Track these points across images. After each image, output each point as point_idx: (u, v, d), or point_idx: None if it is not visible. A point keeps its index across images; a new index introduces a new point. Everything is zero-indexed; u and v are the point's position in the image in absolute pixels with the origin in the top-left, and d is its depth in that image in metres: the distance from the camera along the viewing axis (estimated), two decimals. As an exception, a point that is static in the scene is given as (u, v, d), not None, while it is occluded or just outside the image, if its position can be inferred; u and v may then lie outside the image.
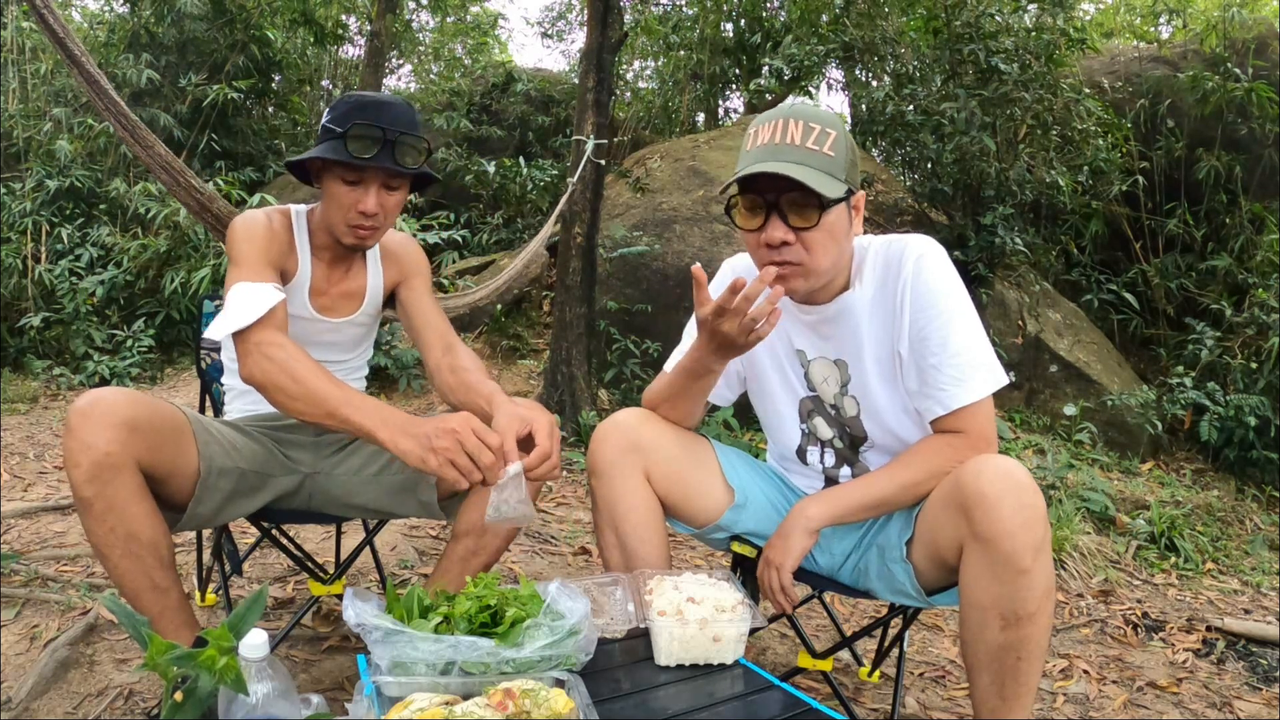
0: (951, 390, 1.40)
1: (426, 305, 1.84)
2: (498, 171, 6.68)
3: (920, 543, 1.43)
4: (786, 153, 1.35)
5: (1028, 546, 1.23)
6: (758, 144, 1.39)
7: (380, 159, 1.58)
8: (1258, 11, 6.39)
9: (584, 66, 4.26)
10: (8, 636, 1.87)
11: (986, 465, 1.29)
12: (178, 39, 7.34)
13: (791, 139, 1.36)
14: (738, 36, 8.41)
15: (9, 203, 5.77)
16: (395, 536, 2.69)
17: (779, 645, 2.28)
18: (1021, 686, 1.29)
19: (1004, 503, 1.24)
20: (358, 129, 1.57)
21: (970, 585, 1.30)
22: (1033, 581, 1.24)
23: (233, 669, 0.96)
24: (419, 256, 1.89)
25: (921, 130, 5.59)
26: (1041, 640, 1.28)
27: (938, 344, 1.41)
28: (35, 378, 4.99)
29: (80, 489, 1.35)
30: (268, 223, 1.66)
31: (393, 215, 1.69)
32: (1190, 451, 4.89)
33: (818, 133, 1.36)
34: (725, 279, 1.61)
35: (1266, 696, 2.36)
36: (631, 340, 4.72)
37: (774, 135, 1.37)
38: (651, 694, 1.18)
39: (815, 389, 1.58)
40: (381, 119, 1.58)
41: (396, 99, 1.66)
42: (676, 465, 1.58)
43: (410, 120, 1.62)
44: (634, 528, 1.54)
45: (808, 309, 1.52)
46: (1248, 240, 5.60)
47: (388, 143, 1.58)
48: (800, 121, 1.37)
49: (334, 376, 1.42)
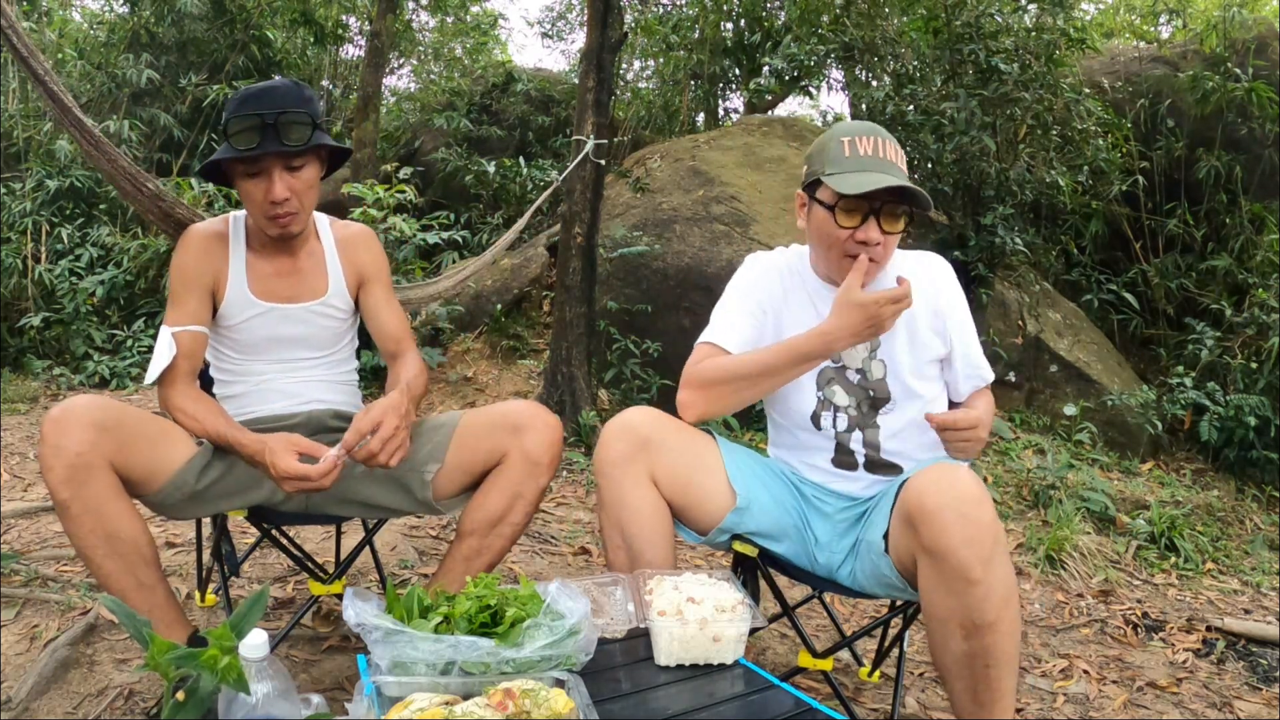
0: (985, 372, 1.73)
1: (382, 309, 1.87)
2: (498, 171, 6.68)
3: (891, 543, 1.45)
4: (892, 170, 1.54)
5: (975, 559, 1.23)
6: (859, 154, 1.55)
7: (266, 144, 1.57)
8: (1258, 11, 6.39)
9: (584, 66, 4.26)
10: (8, 636, 1.87)
11: (930, 479, 1.31)
12: (178, 39, 7.34)
13: (889, 156, 1.56)
14: (738, 36, 8.40)
15: (9, 203, 5.76)
16: (395, 536, 2.69)
17: (779, 645, 2.28)
18: (995, 692, 1.29)
19: (945, 516, 1.25)
20: (236, 122, 1.57)
21: (927, 597, 1.31)
22: (987, 591, 1.23)
23: (234, 669, 0.96)
24: (377, 256, 1.89)
25: (921, 130, 5.58)
26: (1008, 647, 1.27)
27: (970, 335, 1.71)
28: (35, 378, 4.99)
29: (57, 492, 1.39)
30: (199, 240, 1.73)
31: (309, 195, 1.69)
32: (1190, 451, 4.89)
33: (902, 156, 1.59)
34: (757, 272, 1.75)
35: (1266, 696, 2.36)
36: (631, 340, 4.71)
37: (876, 150, 1.56)
38: (651, 694, 1.18)
39: (840, 357, 1.66)
40: (261, 105, 1.58)
41: (281, 82, 1.67)
42: (683, 468, 1.58)
43: (293, 98, 1.62)
44: (640, 530, 1.54)
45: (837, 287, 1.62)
46: (1248, 240, 5.60)
47: (269, 126, 1.57)
48: (890, 143, 1.58)
49: (227, 417, 1.61)
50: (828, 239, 1.59)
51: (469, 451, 1.66)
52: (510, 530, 1.63)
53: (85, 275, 5.53)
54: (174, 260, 1.73)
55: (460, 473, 1.67)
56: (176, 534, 2.55)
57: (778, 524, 1.62)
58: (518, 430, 1.62)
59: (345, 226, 1.89)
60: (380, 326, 1.86)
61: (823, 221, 1.59)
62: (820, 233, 1.61)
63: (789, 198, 5.72)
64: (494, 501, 1.62)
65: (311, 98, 1.68)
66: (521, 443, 1.61)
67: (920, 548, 1.29)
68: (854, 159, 1.55)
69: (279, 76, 1.75)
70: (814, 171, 1.61)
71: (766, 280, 1.73)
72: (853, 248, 1.56)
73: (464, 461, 1.66)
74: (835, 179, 1.54)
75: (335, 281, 1.80)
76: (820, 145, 1.64)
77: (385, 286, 1.89)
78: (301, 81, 1.71)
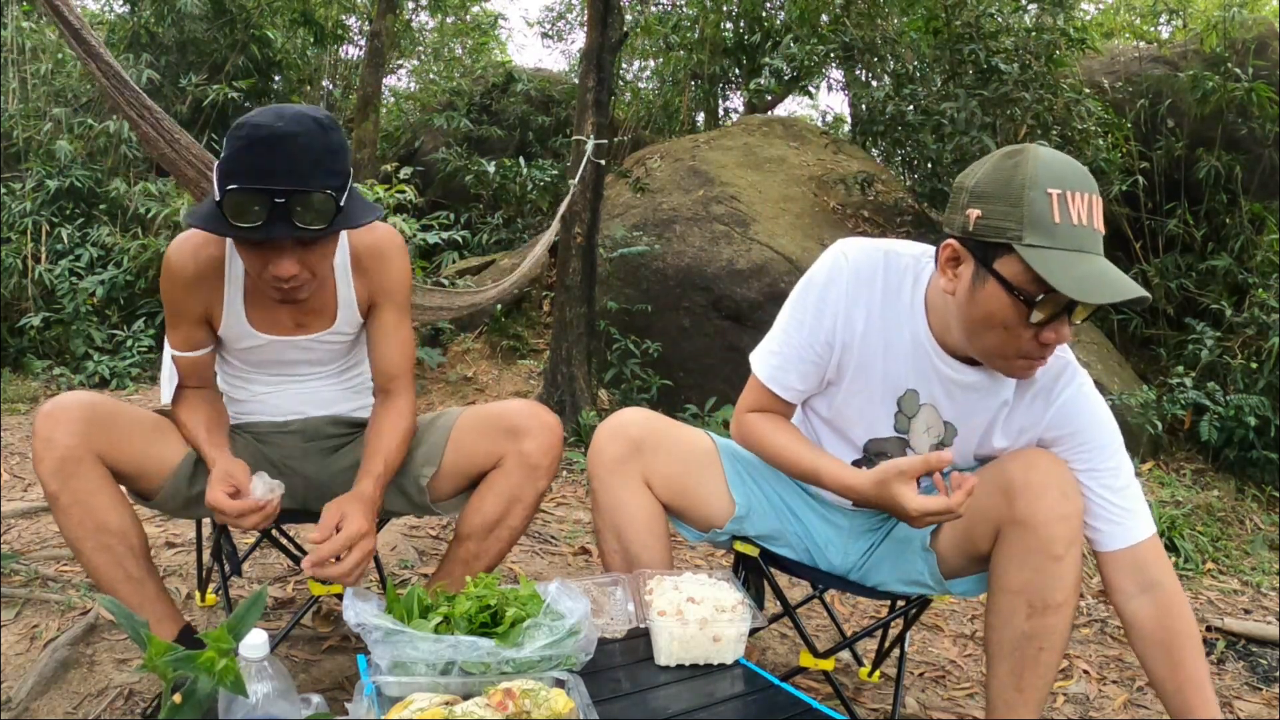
0: (1129, 524, 1.35)
1: (387, 337, 1.63)
2: (498, 171, 6.68)
3: (950, 527, 1.43)
4: (1099, 244, 1.18)
5: (1063, 536, 1.27)
6: (1072, 220, 1.15)
7: (274, 228, 1.26)
8: (1258, 11, 6.38)
9: (584, 66, 4.26)
10: (8, 636, 1.87)
11: (1032, 458, 1.34)
12: (178, 39, 7.34)
13: (1095, 222, 1.18)
14: (738, 36, 8.41)
15: (9, 203, 5.76)
16: (395, 536, 2.69)
17: (779, 645, 2.27)
18: (1039, 679, 1.32)
19: (1049, 492, 1.28)
20: (233, 196, 1.25)
21: (1002, 570, 1.33)
22: (1064, 571, 1.28)
23: (232, 671, 0.96)
24: (396, 273, 1.62)
25: (921, 130, 5.58)
26: (1064, 632, 1.31)
27: (1110, 475, 1.35)
28: (35, 378, 4.99)
29: (47, 484, 1.41)
30: (188, 269, 1.51)
31: (324, 264, 1.45)
32: (1190, 451, 4.88)
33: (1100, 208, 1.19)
34: (841, 290, 1.39)
35: (1266, 696, 2.36)
36: (631, 340, 4.71)
37: (1091, 219, 1.17)
38: (651, 694, 1.18)
39: (904, 432, 1.45)
40: (272, 169, 1.25)
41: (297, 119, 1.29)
42: (678, 470, 1.56)
43: (312, 157, 1.28)
44: (636, 533, 1.52)
45: (953, 363, 1.37)
46: (1248, 240, 5.60)
47: (278, 205, 1.25)
48: (1099, 202, 1.18)
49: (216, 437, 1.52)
50: (1003, 333, 1.22)
51: (465, 454, 1.62)
52: (508, 534, 1.60)
53: (85, 275, 5.53)
54: (162, 286, 1.54)
55: (457, 475, 1.64)
56: (176, 534, 2.55)
57: (778, 529, 1.60)
58: (515, 434, 1.57)
59: (368, 233, 1.57)
60: (378, 358, 1.64)
61: (1003, 309, 1.20)
62: (992, 319, 1.22)
63: (789, 197, 5.71)
64: (490, 506, 1.58)
65: (338, 148, 1.33)
66: (519, 447, 1.56)
67: (1010, 518, 1.30)
68: (1067, 229, 1.15)
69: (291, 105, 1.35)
70: (999, 226, 1.18)
71: (852, 311, 1.39)
72: (1034, 350, 1.23)
73: (460, 464, 1.63)
74: (1044, 258, 1.14)
75: (345, 309, 1.60)
76: (1009, 183, 1.18)
77: (398, 308, 1.64)
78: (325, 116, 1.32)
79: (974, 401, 1.40)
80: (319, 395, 1.72)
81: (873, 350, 1.41)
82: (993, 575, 1.35)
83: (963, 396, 1.40)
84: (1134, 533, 1.34)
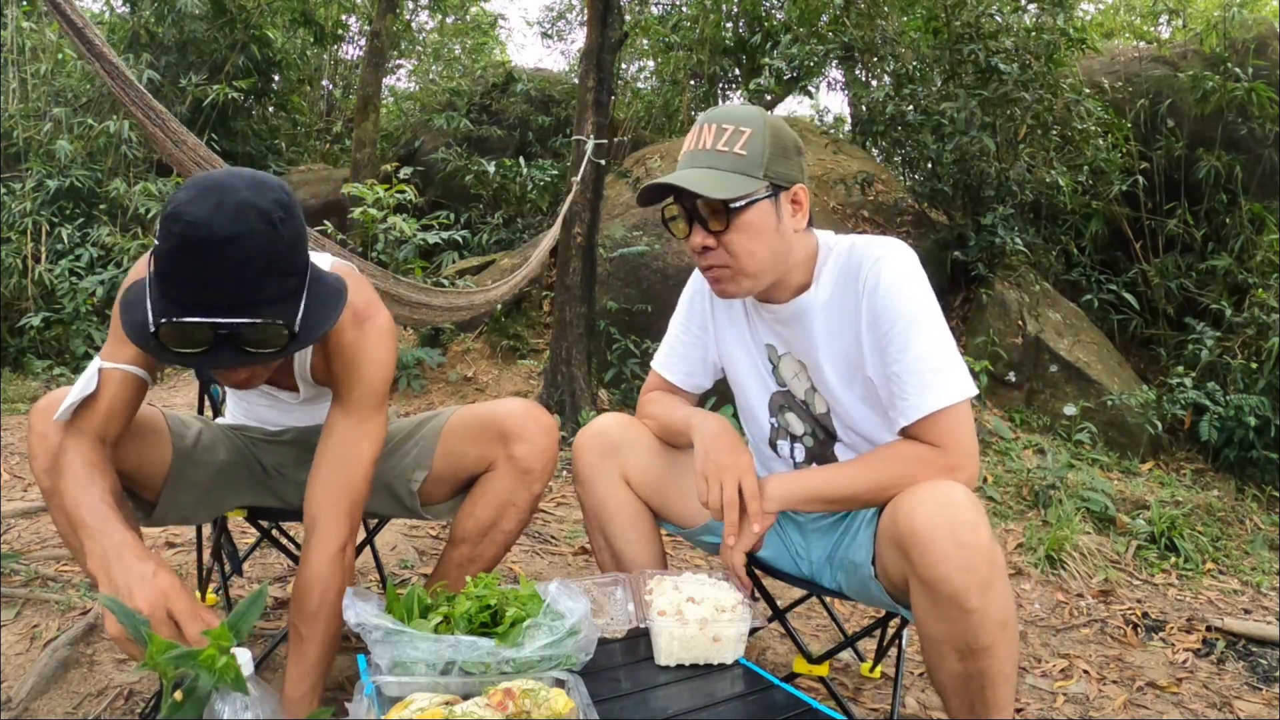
0: (914, 399, 1.31)
1: (332, 449, 1.34)
2: (498, 171, 6.68)
3: (879, 567, 1.38)
4: (698, 158, 1.35)
5: (970, 586, 1.15)
6: (684, 152, 1.39)
7: (217, 355, 1.08)
8: (1258, 11, 6.39)
9: (584, 66, 4.26)
10: (8, 636, 1.87)
11: (921, 501, 1.21)
12: (178, 39, 7.35)
13: (704, 143, 1.36)
14: (737, 36, 8.41)
15: (9, 203, 5.77)
16: (395, 536, 2.69)
17: (779, 645, 2.27)
18: (992, 708, 1.25)
19: (938, 543, 1.16)
20: (168, 330, 1.05)
21: (921, 621, 1.25)
22: (983, 619, 1.17)
23: (232, 668, 0.96)
24: (368, 365, 1.36)
25: (921, 130, 5.58)
26: (1004, 668, 1.22)
27: (898, 350, 1.32)
28: (35, 378, 4.99)
29: (41, 479, 1.38)
30: None
31: (282, 362, 1.31)
32: (1190, 451, 4.89)
33: (730, 133, 1.34)
34: (695, 287, 1.64)
35: (1266, 696, 2.36)
36: (631, 340, 4.71)
37: (691, 141, 1.38)
38: (651, 694, 1.18)
39: (786, 384, 1.53)
40: (205, 304, 1.04)
41: (239, 230, 1.03)
42: (656, 469, 1.58)
43: (254, 276, 1.05)
44: (621, 530, 1.55)
45: (768, 307, 1.48)
46: (1248, 240, 5.60)
47: (221, 335, 1.06)
48: (713, 124, 1.36)
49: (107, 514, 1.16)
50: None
51: (455, 458, 1.59)
52: (503, 538, 1.59)
53: (85, 275, 5.54)
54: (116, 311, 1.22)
55: (448, 480, 1.61)
56: (176, 534, 2.55)
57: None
58: (506, 438, 1.53)
59: (352, 323, 1.34)
60: (314, 478, 1.34)
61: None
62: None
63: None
64: (483, 511, 1.56)
65: (290, 245, 1.08)
66: (511, 452, 1.53)
67: (912, 574, 1.20)
68: (689, 154, 1.38)
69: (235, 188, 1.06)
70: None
71: (701, 297, 1.63)
72: (698, 263, 1.42)
73: (450, 469, 1.60)
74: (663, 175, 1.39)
75: (304, 383, 1.50)
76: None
77: (356, 414, 1.36)
78: (271, 203, 1.06)
79: (795, 331, 1.47)
80: (312, 412, 1.68)
81: (724, 321, 1.59)
82: (916, 623, 1.27)
83: (786, 331, 1.48)
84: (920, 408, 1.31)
